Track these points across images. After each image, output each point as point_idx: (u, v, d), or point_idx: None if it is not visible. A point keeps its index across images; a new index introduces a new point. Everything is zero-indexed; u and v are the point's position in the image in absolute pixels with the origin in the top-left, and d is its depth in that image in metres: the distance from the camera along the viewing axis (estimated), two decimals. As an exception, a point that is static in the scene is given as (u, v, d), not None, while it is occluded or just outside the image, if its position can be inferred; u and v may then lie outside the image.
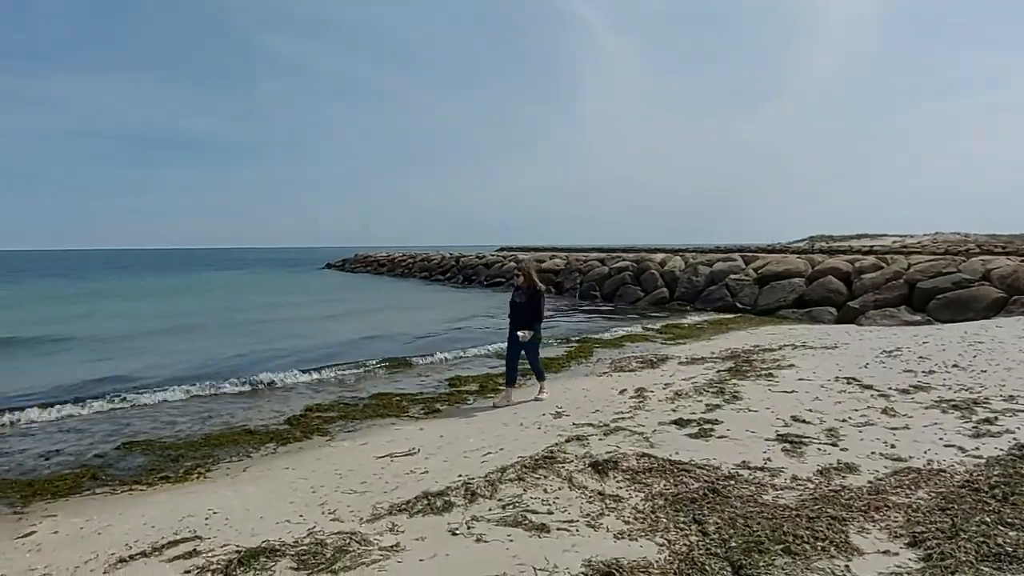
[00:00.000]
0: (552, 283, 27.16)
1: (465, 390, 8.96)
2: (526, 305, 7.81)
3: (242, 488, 5.22)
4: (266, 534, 4.17)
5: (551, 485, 4.83)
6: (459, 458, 5.71)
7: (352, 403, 8.28)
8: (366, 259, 56.87)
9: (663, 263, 23.11)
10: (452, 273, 37.10)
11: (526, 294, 7.83)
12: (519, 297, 7.87)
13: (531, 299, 7.80)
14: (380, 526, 4.24)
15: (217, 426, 7.31)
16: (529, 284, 7.87)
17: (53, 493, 5.34)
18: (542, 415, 7.17)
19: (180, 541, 4.13)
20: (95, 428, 7.34)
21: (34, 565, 3.93)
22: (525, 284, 7.88)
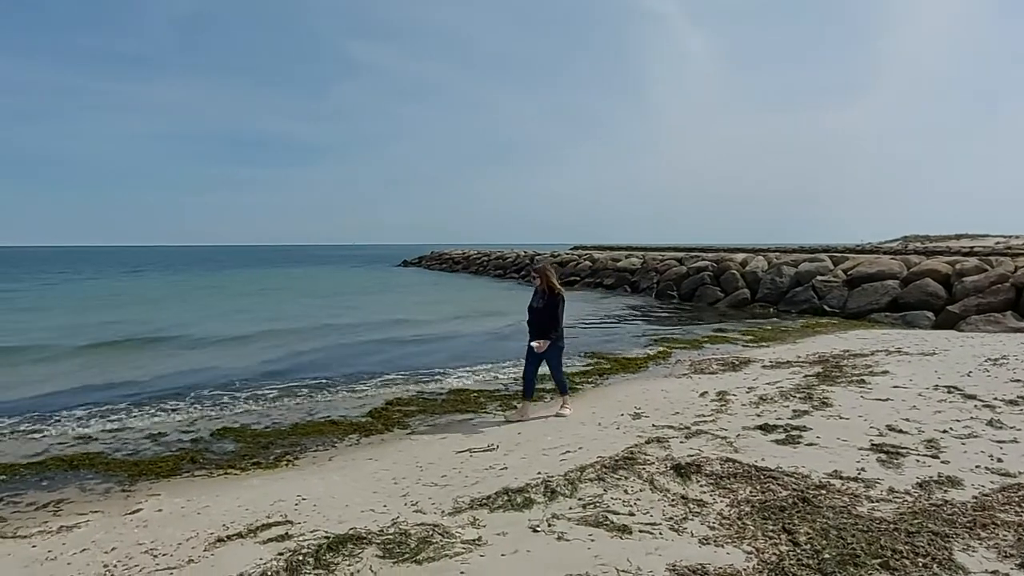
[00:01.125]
0: (628, 282, 26.85)
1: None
2: (543, 311, 7.05)
3: (328, 476, 5.39)
4: (352, 522, 4.30)
5: (632, 486, 4.77)
6: (538, 455, 5.72)
7: (431, 398, 8.42)
8: (441, 256, 57.78)
9: (744, 263, 22.43)
10: (526, 271, 37.18)
11: (543, 298, 7.08)
12: (537, 301, 7.14)
13: (548, 304, 7.04)
14: (461, 519, 4.29)
15: (304, 417, 7.57)
16: (546, 287, 7.09)
17: (156, 473, 5.66)
18: (620, 415, 7.09)
19: (273, 524, 4.31)
20: (194, 415, 7.74)
21: (141, 540, 4.17)
22: (542, 287, 7.11)
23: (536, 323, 7.09)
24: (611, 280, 27.77)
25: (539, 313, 7.06)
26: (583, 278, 30.35)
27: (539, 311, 7.05)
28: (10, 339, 14.24)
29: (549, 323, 7.01)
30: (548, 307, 7.01)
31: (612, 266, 29.17)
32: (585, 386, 9.06)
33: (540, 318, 7.05)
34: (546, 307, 7.01)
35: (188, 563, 3.80)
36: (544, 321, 7.02)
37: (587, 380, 9.44)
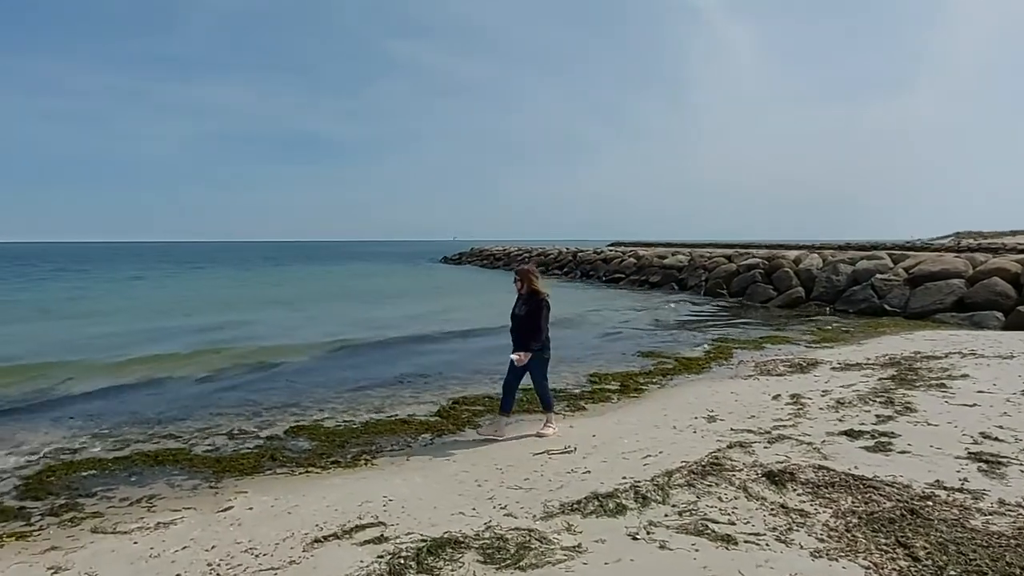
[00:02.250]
0: (675, 280, 26.50)
1: (607, 388, 8.85)
2: (525, 318, 6.32)
3: (410, 477, 5.38)
4: (444, 525, 4.27)
5: (725, 493, 4.64)
6: (618, 459, 5.62)
7: (497, 398, 8.35)
8: (481, 253, 57.92)
9: (797, 261, 21.92)
10: (569, 268, 37.04)
11: (526, 304, 6.37)
12: (519, 308, 6.44)
13: (531, 310, 6.29)
14: (555, 525, 4.22)
15: (374, 415, 7.59)
16: (530, 291, 6.41)
17: (239, 470, 5.73)
18: (695, 418, 6.95)
19: (366, 526, 4.30)
20: (265, 413, 7.84)
21: (239, 539, 4.21)
22: (525, 291, 6.45)
23: (519, 332, 6.38)
24: (657, 277, 27.45)
25: (521, 321, 6.35)
26: (628, 275, 30.06)
27: (522, 319, 6.35)
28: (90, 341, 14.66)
29: (532, 332, 6.27)
30: (531, 314, 6.30)
31: (658, 263, 28.82)
32: (650, 387, 8.92)
33: (522, 326, 6.35)
34: (528, 314, 6.31)
35: (289, 564, 3.81)
36: (526, 330, 6.31)
37: (651, 380, 9.29)
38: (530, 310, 6.30)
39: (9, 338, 14.19)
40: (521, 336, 6.34)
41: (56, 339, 14.02)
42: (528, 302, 6.35)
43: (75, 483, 5.48)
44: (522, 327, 6.34)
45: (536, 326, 6.25)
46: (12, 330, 15.79)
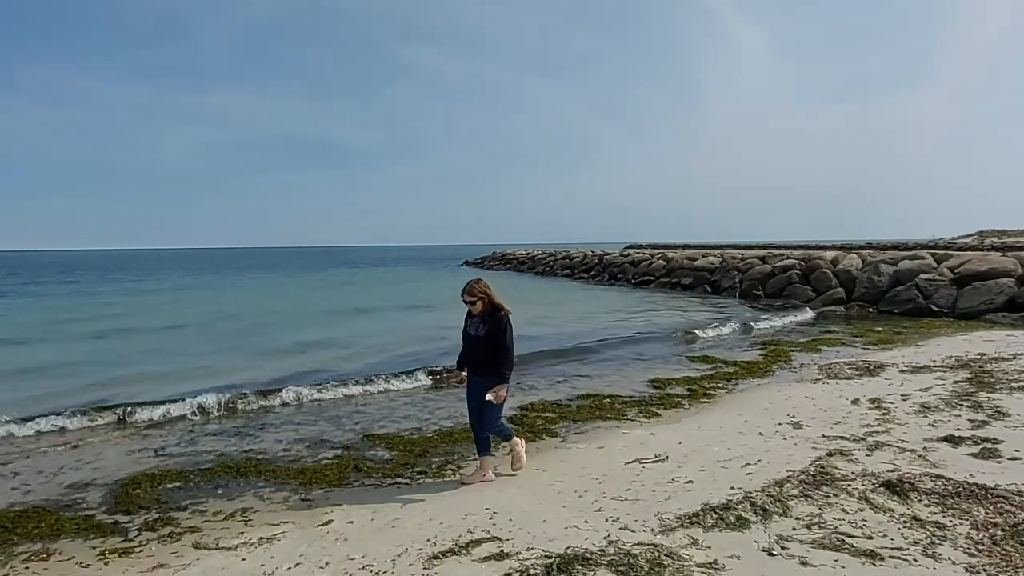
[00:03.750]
0: (707, 282, 26.21)
1: (673, 393, 8.65)
2: (488, 340, 5.18)
3: (505, 488, 5.23)
4: (563, 539, 4.11)
5: (848, 505, 4.46)
6: (716, 467, 5.44)
7: (565, 404, 8.21)
8: (504, 256, 57.82)
9: (835, 261, 21.58)
10: (596, 271, 36.80)
11: (485, 323, 5.23)
12: (476, 328, 5.29)
13: (494, 330, 5.17)
14: (678, 539, 4.05)
15: (445, 423, 7.45)
16: (491, 307, 5.24)
17: (326, 481, 5.59)
18: (778, 424, 6.76)
19: (481, 540, 4.15)
20: (339, 418, 7.77)
21: (351, 555, 4.07)
22: (482, 309, 5.25)
23: (479, 357, 5.26)
24: (689, 280, 27.16)
25: (482, 343, 5.21)
26: (658, 277, 29.79)
27: (482, 341, 5.21)
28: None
29: (502, 355, 5.13)
30: (494, 334, 5.16)
31: (689, 265, 28.52)
32: (719, 392, 8.71)
33: (485, 349, 5.20)
34: (491, 335, 5.17)
35: (414, 582, 3.68)
36: (491, 353, 5.17)
37: (717, 385, 9.08)
38: (492, 330, 5.17)
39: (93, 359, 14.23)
40: (485, 362, 5.23)
41: (132, 350, 14.03)
42: (489, 321, 5.21)
43: (163, 496, 5.38)
44: (485, 351, 5.20)
45: (506, 347, 5.13)
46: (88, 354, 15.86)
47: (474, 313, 5.31)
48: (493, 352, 5.17)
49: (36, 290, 36.62)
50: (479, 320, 5.27)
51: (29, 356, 13.02)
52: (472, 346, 5.35)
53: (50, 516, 4.98)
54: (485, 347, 5.21)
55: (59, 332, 16.99)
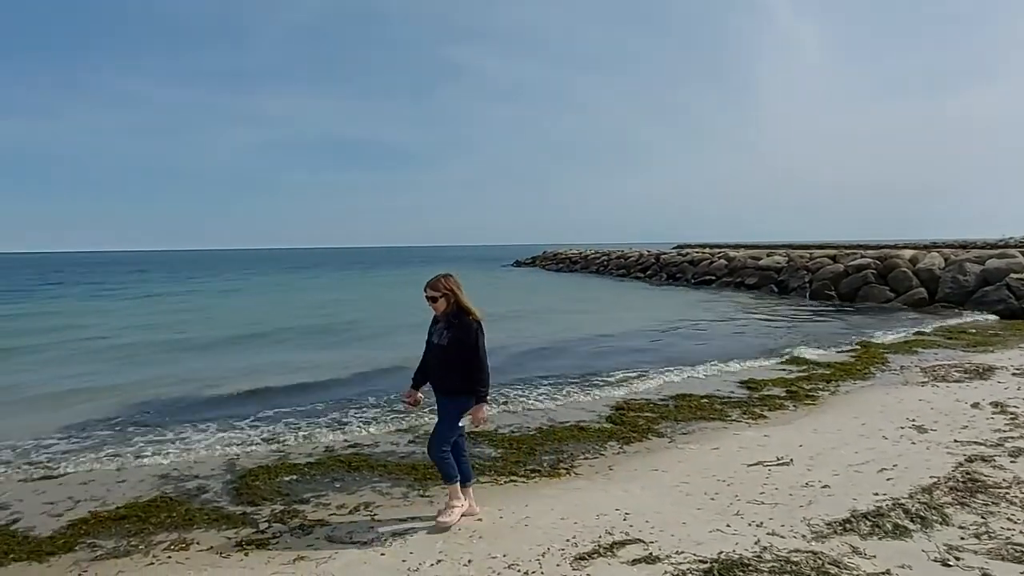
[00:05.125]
0: (774, 281, 25.54)
1: (772, 395, 8.35)
2: (449, 350, 4.34)
3: (630, 489, 5.07)
4: (710, 543, 3.94)
5: (1013, 514, 4.17)
6: (849, 472, 5.19)
7: (661, 403, 8.02)
8: (556, 256, 57.58)
9: (914, 260, 20.75)
10: (653, 271, 36.29)
11: (450, 328, 4.37)
12: (439, 336, 4.43)
13: (460, 336, 4.31)
14: (835, 547, 3.84)
15: (545, 421, 7.36)
16: (457, 309, 4.40)
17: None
18: (900, 428, 6.44)
19: (625, 542, 4.01)
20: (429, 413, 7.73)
21: (492, 553, 3.97)
22: (445, 311, 4.42)
23: (441, 371, 4.39)
24: (754, 280, 26.51)
25: (447, 354, 4.35)
26: (719, 277, 29.20)
27: (446, 350, 4.35)
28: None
29: (473, 370, 4.29)
30: (460, 342, 4.30)
31: (753, 264, 27.84)
32: (821, 393, 8.38)
33: (449, 361, 4.34)
34: (457, 343, 4.31)
35: (567, 583, 3.56)
36: (458, 365, 4.30)
37: (816, 387, 8.74)
38: (459, 337, 4.31)
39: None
40: (451, 376, 4.34)
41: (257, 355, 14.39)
42: (454, 326, 4.35)
43: (282, 488, 5.39)
44: (450, 363, 4.33)
45: (479, 359, 4.29)
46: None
47: (437, 315, 4.49)
48: (461, 364, 4.29)
49: (173, 286, 38.04)
50: (444, 325, 4.42)
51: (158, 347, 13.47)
52: (434, 356, 4.46)
53: (179, 506, 5.04)
54: (449, 358, 4.33)
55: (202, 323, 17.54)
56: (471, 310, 4.37)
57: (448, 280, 4.42)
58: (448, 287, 4.38)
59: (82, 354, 13.07)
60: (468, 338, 4.29)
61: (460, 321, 4.34)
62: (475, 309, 4.39)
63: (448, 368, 4.35)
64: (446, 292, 4.37)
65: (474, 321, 4.34)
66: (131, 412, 8.13)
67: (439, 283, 4.39)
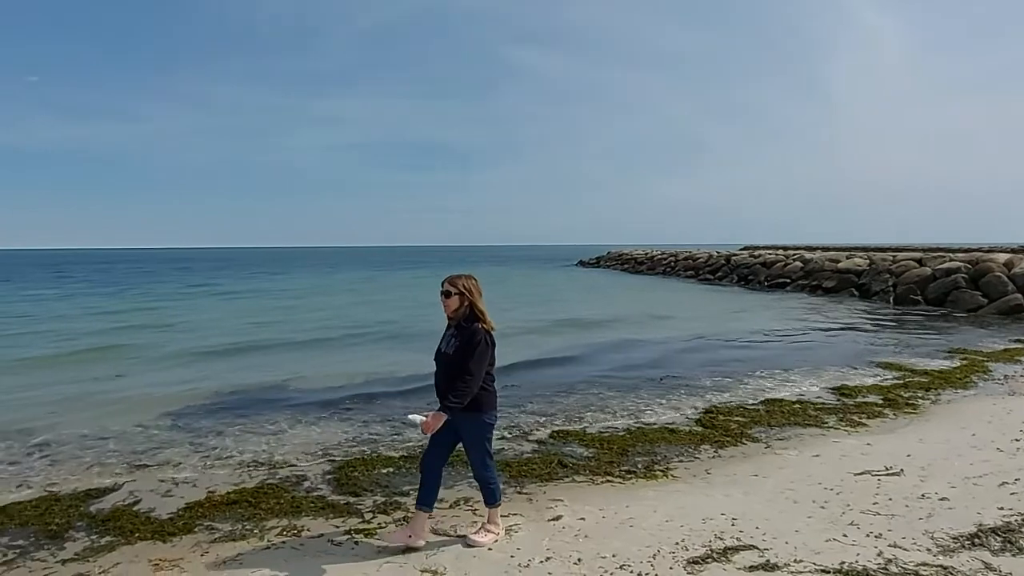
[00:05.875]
0: (853, 285, 24.58)
1: (869, 402, 8.03)
2: (456, 358, 3.94)
3: (731, 493, 4.96)
4: (828, 553, 3.81)
5: None
6: (967, 484, 4.94)
7: (751, 407, 7.83)
8: (621, 256, 57.04)
9: (1009, 264, 19.63)
10: (724, 272, 35.48)
11: (458, 336, 4.01)
12: (446, 343, 4.09)
13: (464, 345, 3.94)
14: (965, 562, 3.66)
15: (632, 422, 7.30)
16: (463, 311, 4.06)
17: (536, 475, 5.53)
18: (1016, 440, 6.09)
19: (738, 548, 3.92)
20: (518, 411, 7.81)
21: (602, 553, 3.94)
22: (456, 315, 4.08)
23: (449, 382, 3.95)
24: (832, 283, 25.58)
25: (450, 363, 3.98)
26: (794, 280, 28.31)
27: (451, 359, 3.98)
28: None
29: (468, 380, 3.87)
30: (464, 351, 3.92)
31: (831, 267, 26.87)
32: (920, 401, 8.00)
33: (451, 372, 3.95)
34: (461, 351, 3.94)
35: (684, 586, 3.50)
36: (457, 376, 3.90)
37: (914, 395, 8.35)
38: (464, 344, 3.94)
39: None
40: (452, 385, 3.92)
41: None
42: (463, 332, 3.99)
43: (380, 480, 5.50)
44: (452, 373, 3.95)
45: (466, 369, 3.87)
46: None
47: (449, 318, 4.14)
48: (463, 374, 3.89)
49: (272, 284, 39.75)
50: (453, 331, 4.06)
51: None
52: (440, 366, 4.08)
53: (285, 494, 5.20)
54: (451, 368, 3.95)
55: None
56: (484, 318, 4.03)
57: (467, 280, 4.10)
58: (465, 287, 4.05)
59: (185, 351, 13.55)
60: (470, 345, 3.90)
61: (470, 329, 3.97)
62: (489, 319, 4.05)
63: (449, 379, 3.94)
64: (461, 291, 4.04)
65: (483, 330, 3.97)
66: (228, 404, 8.45)
67: (457, 280, 4.09)
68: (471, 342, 3.91)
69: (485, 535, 4.19)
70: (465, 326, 4.00)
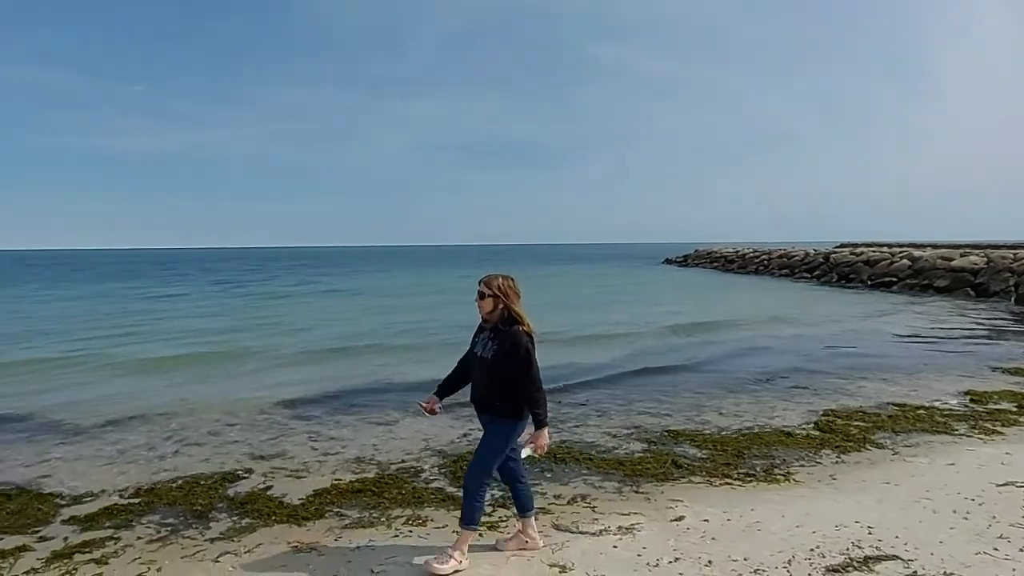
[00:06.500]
0: (969, 284, 23.01)
1: (1002, 408, 7.52)
2: (499, 363, 3.70)
3: (862, 500, 4.75)
4: (980, 568, 3.62)
5: None
6: None
7: (872, 411, 7.48)
8: (710, 254, 55.62)
9: None
10: (822, 271, 33.98)
11: (495, 339, 3.76)
12: (482, 346, 3.84)
13: (505, 353, 3.68)
14: None
15: (745, 421, 7.13)
16: (499, 313, 3.80)
17: (651, 475, 5.46)
18: None
19: (880, 558, 3.75)
20: (633, 409, 7.81)
21: (732, 556, 3.86)
22: (492, 316, 3.82)
23: (484, 389, 3.82)
24: (944, 281, 24.04)
25: (489, 369, 3.75)
26: (901, 279, 26.79)
27: (489, 365, 3.75)
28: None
29: (523, 392, 3.67)
30: (507, 357, 3.67)
31: (944, 265, 25.25)
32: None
33: (493, 377, 3.74)
34: (501, 356, 3.69)
35: (825, 594, 3.38)
36: (501, 382, 3.71)
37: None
38: (504, 352, 3.69)
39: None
40: (492, 394, 3.77)
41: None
42: (501, 336, 3.74)
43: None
44: (493, 380, 3.74)
45: (531, 379, 3.65)
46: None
47: (484, 320, 3.89)
48: (503, 382, 3.69)
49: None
50: (489, 334, 3.82)
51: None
52: (476, 370, 3.88)
53: (405, 484, 5.35)
54: (493, 374, 3.73)
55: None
56: (523, 320, 3.75)
57: (503, 281, 3.82)
58: (500, 288, 3.78)
59: (304, 347, 14.13)
60: (517, 352, 3.65)
61: (509, 332, 3.71)
62: (528, 320, 3.78)
63: (489, 385, 3.77)
64: (495, 293, 3.77)
65: (525, 333, 3.71)
66: (343, 397, 8.81)
67: (492, 281, 3.81)
68: (516, 349, 3.66)
69: (448, 561, 3.75)
70: (503, 329, 3.75)
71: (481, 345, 3.85)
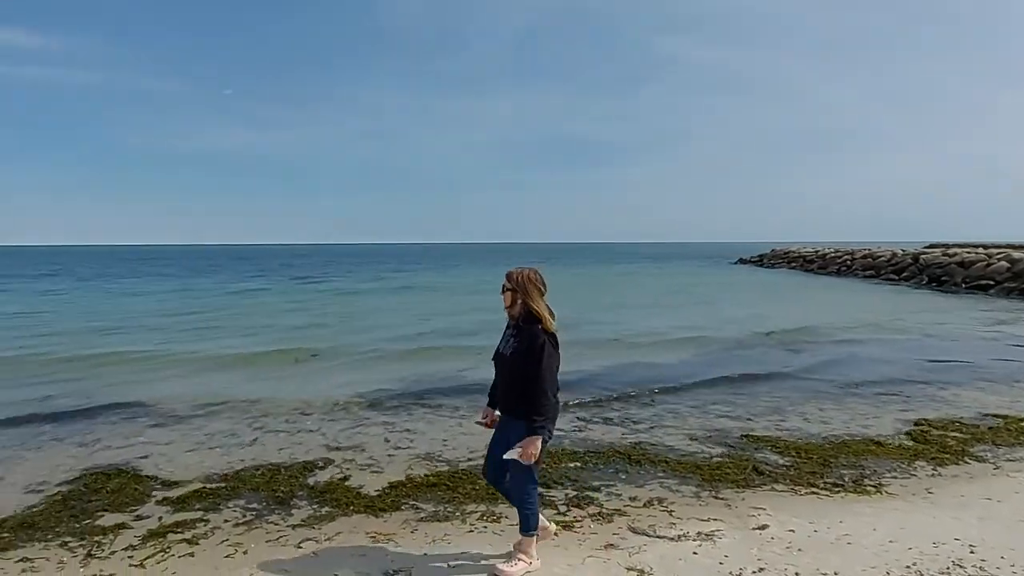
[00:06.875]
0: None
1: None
2: (518, 361, 3.55)
3: (962, 516, 4.45)
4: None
5: None
6: None
7: (970, 422, 7.03)
8: (787, 254, 53.71)
9: None
10: (910, 272, 32.27)
11: (517, 337, 3.62)
12: (504, 343, 3.74)
13: (525, 348, 3.53)
14: None
15: (829, 429, 6.84)
16: (521, 310, 3.60)
17: (731, 480, 5.28)
18: None
19: (988, 579, 3.51)
20: (711, 413, 7.64)
21: (822, 568, 3.68)
22: (516, 313, 3.64)
23: (504, 387, 3.72)
24: (1049, 285, 22.42)
25: (509, 367, 3.63)
26: (999, 282, 25.13)
27: (508, 362, 3.64)
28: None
29: (528, 388, 3.47)
30: (522, 354, 3.53)
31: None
32: None
33: (511, 376, 3.62)
34: (519, 354, 3.56)
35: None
36: (518, 381, 3.54)
37: None
38: (522, 349, 3.55)
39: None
40: (511, 393, 3.63)
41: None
42: (521, 333, 3.60)
43: (569, 474, 5.49)
44: (512, 378, 3.61)
45: (537, 380, 3.45)
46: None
47: (508, 315, 3.72)
48: (523, 383, 3.50)
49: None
50: (512, 331, 3.69)
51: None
52: (498, 369, 3.78)
53: (479, 480, 5.26)
54: (512, 373, 3.60)
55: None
56: (543, 317, 3.54)
57: (525, 273, 3.61)
58: (519, 280, 3.57)
59: (381, 341, 14.53)
60: (532, 350, 3.48)
61: (529, 330, 3.55)
62: (548, 318, 3.56)
63: (510, 384, 3.62)
64: (515, 287, 3.58)
65: (543, 331, 3.52)
66: (415, 392, 8.95)
67: (512, 273, 3.63)
68: (532, 347, 3.49)
69: (515, 564, 3.68)
70: (524, 327, 3.59)
71: (504, 342, 3.75)
